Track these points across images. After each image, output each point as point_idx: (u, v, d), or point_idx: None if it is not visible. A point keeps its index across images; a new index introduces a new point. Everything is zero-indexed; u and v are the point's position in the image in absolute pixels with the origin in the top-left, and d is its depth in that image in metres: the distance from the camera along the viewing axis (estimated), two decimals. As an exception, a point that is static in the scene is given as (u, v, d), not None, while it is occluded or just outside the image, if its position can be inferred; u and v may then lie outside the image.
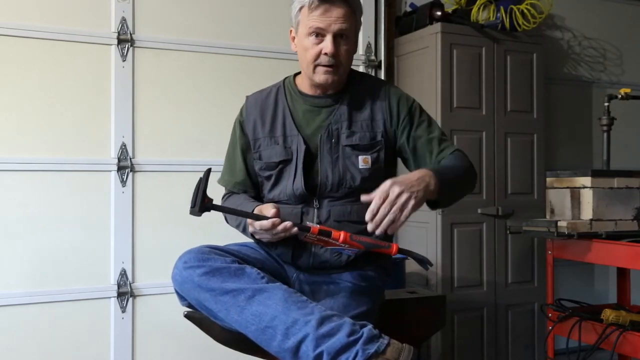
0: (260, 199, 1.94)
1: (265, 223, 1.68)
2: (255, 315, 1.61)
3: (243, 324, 1.63)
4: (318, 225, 1.68)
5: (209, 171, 1.69)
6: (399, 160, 1.95)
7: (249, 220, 1.75)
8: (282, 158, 1.83)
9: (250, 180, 1.95)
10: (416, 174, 1.63)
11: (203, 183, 1.66)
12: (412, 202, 1.54)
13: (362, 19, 1.90)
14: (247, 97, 1.97)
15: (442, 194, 1.66)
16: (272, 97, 1.91)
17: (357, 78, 1.92)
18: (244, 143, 1.93)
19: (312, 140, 1.83)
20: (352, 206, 1.81)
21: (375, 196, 1.54)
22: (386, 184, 1.55)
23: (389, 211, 1.52)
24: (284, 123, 1.86)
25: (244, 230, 1.84)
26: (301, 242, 1.78)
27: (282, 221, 1.68)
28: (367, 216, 1.54)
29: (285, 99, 1.89)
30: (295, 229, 1.68)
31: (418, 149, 1.85)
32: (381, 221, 1.53)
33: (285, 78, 1.95)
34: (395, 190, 1.53)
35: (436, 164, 1.78)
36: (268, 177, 1.88)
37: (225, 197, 2.00)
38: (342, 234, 1.65)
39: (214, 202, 1.70)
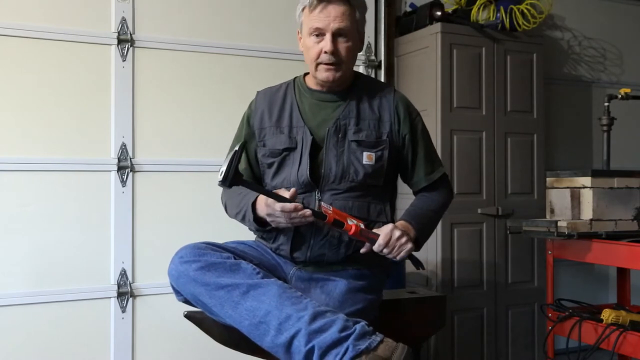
0: None
1: (289, 206, 1.70)
2: (249, 311, 1.62)
3: (237, 319, 1.64)
4: (331, 209, 1.74)
5: (244, 144, 1.74)
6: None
7: (269, 201, 1.75)
8: (286, 146, 1.87)
9: (251, 170, 1.98)
10: (406, 230, 1.82)
11: (237, 157, 1.68)
12: (409, 245, 1.79)
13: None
14: (258, 91, 2.02)
15: (418, 247, 1.89)
16: (281, 91, 1.97)
17: (364, 78, 2.01)
18: (248, 134, 1.97)
19: (317, 132, 1.87)
20: (353, 202, 1.85)
21: (381, 235, 1.75)
22: (389, 227, 1.78)
23: (392, 249, 1.76)
24: (291, 115, 1.91)
25: (243, 219, 1.87)
26: (300, 236, 1.83)
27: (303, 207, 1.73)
28: (376, 250, 1.78)
29: (294, 93, 1.95)
30: (312, 217, 1.72)
31: (413, 163, 1.97)
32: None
33: (296, 77, 2.01)
34: (397, 233, 1.77)
35: (421, 211, 1.94)
36: (270, 165, 1.91)
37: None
38: (353, 227, 1.74)
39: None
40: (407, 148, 1.94)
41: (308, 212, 1.71)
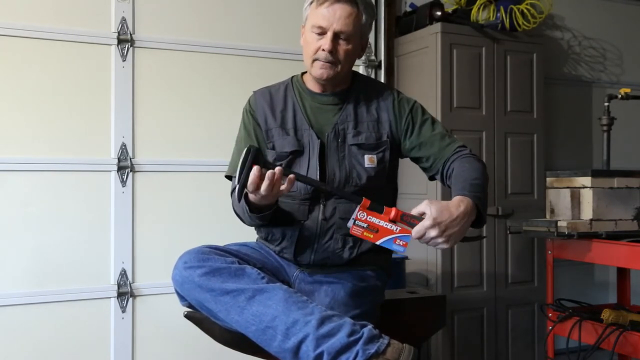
0: None
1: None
2: (255, 316, 1.61)
3: (243, 325, 1.63)
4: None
5: (249, 150, 1.60)
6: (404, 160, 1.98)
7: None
8: (294, 149, 1.85)
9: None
10: (461, 209, 1.62)
11: (248, 164, 1.59)
12: (443, 246, 1.60)
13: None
14: (255, 91, 1.98)
15: (482, 220, 1.69)
16: (281, 92, 1.94)
17: (362, 80, 1.98)
18: (260, 132, 1.91)
19: (320, 136, 1.86)
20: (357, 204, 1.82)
21: (413, 232, 1.58)
22: (426, 223, 1.56)
23: (426, 242, 1.59)
24: (295, 116, 1.88)
25: (244, 213, 1.78)
26: (304, 239, 1.82)
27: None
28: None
29: (294, 94, 1.92)
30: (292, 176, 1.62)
31: (425, 144, 1.87)
32: None
33: (293, 76, 1.98)
34: (432, 233, 1.57)
35: (467, 182, 1.72)
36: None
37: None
38: (393, 211, 1.60)
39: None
40: (414, 137, 1.88)
41: (292, 176, 1.62)
